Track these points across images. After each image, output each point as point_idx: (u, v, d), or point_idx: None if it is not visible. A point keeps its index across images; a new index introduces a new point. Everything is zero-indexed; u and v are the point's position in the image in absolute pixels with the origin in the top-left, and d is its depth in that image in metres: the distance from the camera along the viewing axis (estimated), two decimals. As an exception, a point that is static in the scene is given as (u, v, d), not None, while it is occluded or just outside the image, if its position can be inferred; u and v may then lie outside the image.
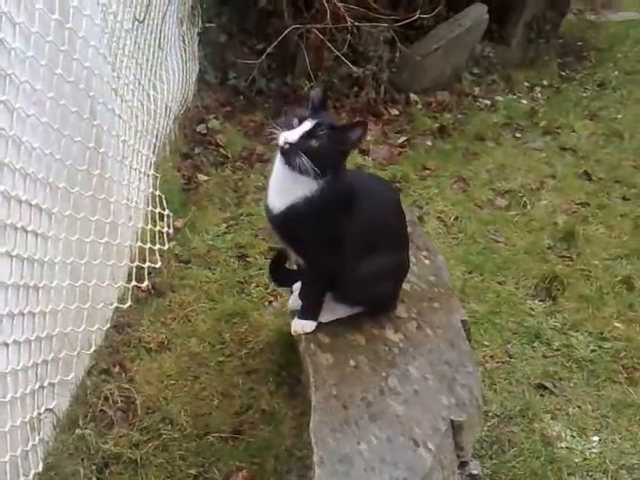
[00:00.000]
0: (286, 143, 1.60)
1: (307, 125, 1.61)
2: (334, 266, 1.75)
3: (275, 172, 1.71)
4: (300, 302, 1.89)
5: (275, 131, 1.64)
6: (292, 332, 1.85)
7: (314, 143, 1.60)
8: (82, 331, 2.19)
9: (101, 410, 2.18)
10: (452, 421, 1.55)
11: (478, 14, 4.65)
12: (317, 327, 1.82)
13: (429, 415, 1.56)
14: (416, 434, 1.51)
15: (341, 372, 1.67)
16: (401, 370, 1.68)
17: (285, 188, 1.68)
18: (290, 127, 1.62)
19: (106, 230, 2.37)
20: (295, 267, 2.00)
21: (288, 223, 1.71)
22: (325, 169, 1.62)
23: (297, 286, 1.96)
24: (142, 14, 2.98)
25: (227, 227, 3.23)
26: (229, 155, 3.80)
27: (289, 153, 1.61)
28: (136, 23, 2.90)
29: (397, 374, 1.67)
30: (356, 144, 1.72)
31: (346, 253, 1.72)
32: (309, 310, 1.83)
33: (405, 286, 1.93)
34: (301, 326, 1.83)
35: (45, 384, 1.97)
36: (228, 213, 3.34)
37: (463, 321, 1.90)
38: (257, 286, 2.82)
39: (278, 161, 1.68)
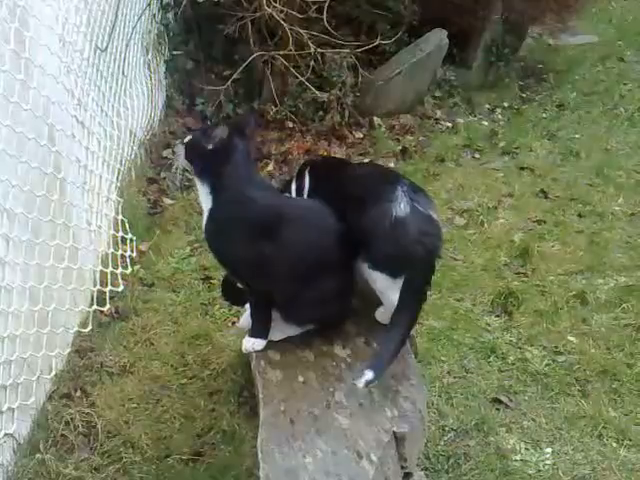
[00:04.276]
0: None
1: None
2: (264, 288, 1.80)
3: None
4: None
5: None
6: (243, 350, 1.89)
7: None
8: (42, 356, 2.20)
9: (62, 435, 2.19)
10: (395, 433, 1.59)
11: (438, 39, 4.74)
12: (268, 344, 1.86)
13: (373, 427, 1.60)
14: (360, 446, 1.54)
15: (290, 388, 1.71)
16: (347, 385, 1.72)
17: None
18: None
19: (66, 254, 2.39)
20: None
21: (208, 241, 1.84)
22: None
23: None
24: (104, 42, 3.04)
25: (192, 250, 3.26)
26: (195, 179, 3.83)
27: None
28: (98, 51, 2.96)
29: (344, 388, 1.71)
30: None
31: (283, 277, 1.77)
32: (258, 328, 1.87)
33: (355, 302, 1.96)
34: (251, 344, 1.87)
35: (4, 409, 1.98)
36: (193, 236, 3.36)
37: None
38: (220, 307, 2.84)
39: None
